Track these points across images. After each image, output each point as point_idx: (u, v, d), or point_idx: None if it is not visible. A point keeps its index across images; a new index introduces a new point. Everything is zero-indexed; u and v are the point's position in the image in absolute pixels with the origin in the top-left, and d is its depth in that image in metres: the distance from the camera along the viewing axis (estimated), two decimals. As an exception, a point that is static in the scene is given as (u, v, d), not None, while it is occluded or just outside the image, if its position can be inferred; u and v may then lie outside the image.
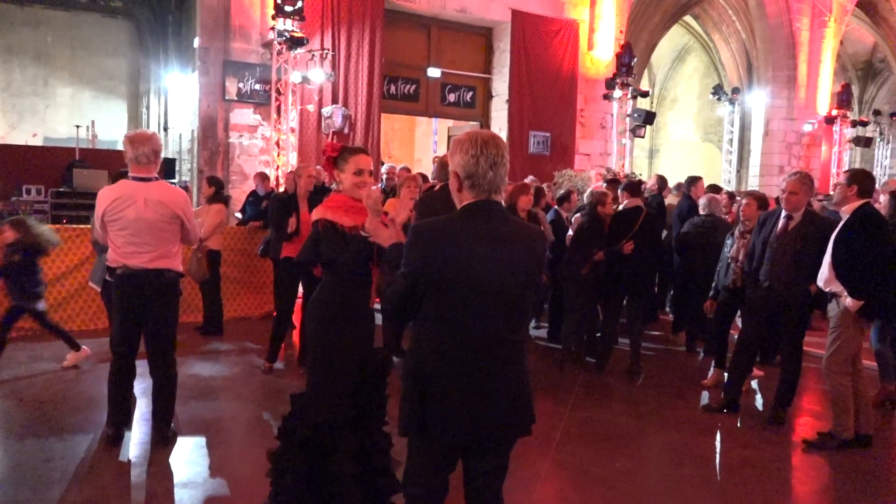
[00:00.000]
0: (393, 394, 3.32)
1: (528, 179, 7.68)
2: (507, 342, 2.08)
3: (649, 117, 13.08)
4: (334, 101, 10.86)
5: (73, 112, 16.68)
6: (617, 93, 12.99)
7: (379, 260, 2.99)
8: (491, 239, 2.04)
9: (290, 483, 3.01)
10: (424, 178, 7.93)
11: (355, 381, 3.02)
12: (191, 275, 6.54)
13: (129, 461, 4.03)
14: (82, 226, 7.68)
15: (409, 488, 2.27)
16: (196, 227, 4.40)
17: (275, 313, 6.31)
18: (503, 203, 2.37)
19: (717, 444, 4.75)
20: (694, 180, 8.34)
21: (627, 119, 13.25)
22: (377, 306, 3.95)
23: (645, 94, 13.68)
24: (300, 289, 6.38)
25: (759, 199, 6.03)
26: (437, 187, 4.66)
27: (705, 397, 5.71)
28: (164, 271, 4.10)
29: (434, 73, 12.42)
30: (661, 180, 8.93)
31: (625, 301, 6.31)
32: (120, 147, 15.88)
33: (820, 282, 4.50)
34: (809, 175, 4.93)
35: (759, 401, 5.71)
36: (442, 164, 4.66)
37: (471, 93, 12.98)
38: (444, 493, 2.28)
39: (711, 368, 6.27)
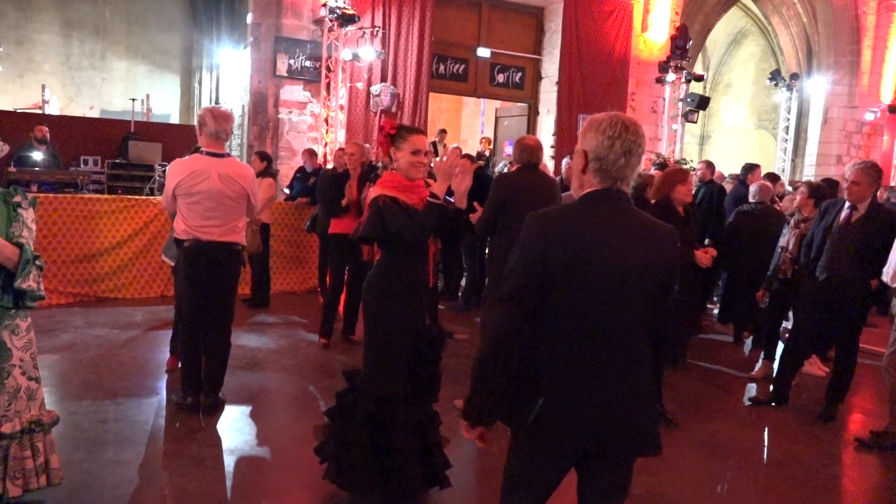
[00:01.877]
0: (451, 378, 3.41)
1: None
2: (630, 346, 1.93)
3: (703, 102, 12.81)
4: (383, 79, 10.86)
5: (128, 86, 17.06)
6: (670, 76, 12.70)
7: (438, 233, 3.00)
8: (619, 231, 1.91)
9: (358, 457, 3.05)
10: (470, 157, 7.90)
11: (411, 355, 3.04)
12: (247, 247, 6.76)
13: (178, 425, 4.13)
14: (136, 197, 7.87)
15: (511, 497, 2.05)
16: (259, 203, 4.50)
17: (319, 288, 6.45)
18: (645, 194, 2.18)
19: (765, 438, 4.66)
20: (751, 168, 8.14)
21: (680, 104, 12.99)
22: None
23: (700, 78, 13.40)
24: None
25: (812, 188, 5.83)
26: (513, 167, 4.60)
27: (752, 389, 5.60)
28: (231, 244, 4.20)
29: (483, 52, 12.34)
30: (709, 166, 8.76)
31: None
32: (173, 120, 16.14)
33: (886, 277, 4.35)
34: (876, 165, 4.75)
35: (809, 396, 5.58)
36: (522, 147, 4.53)
37: (520, 74, 12.84)
38: None
39: (760, 360, 6.13)
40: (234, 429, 4.19)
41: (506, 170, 7.65)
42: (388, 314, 3.02)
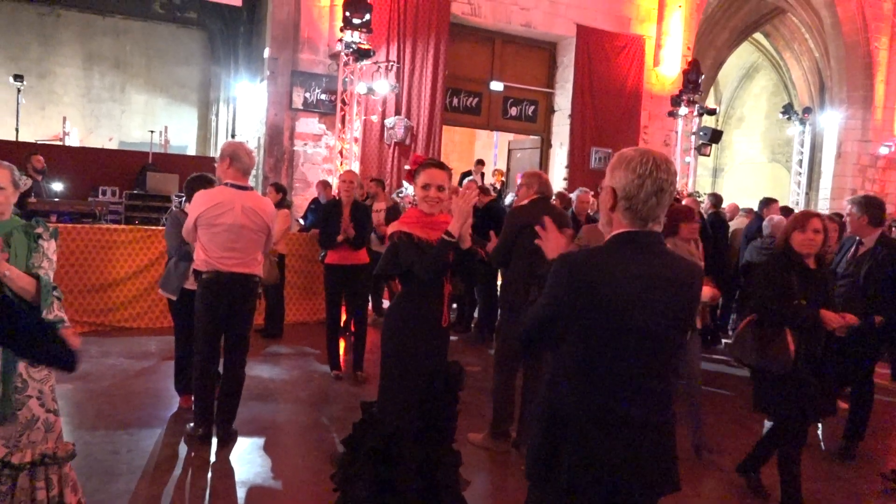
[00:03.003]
0: (464, 410, 3.30)
1: (581, 192, 7.39)
2: (655, 391, 1.90)
3: (716, 135, 12.82)
4: (397, 112, 10.95)
5: (146, 118, 17.34)
6: (682, 110, 12.75)
7: (454, 272, 2.98)
8: (648, 278, 1.85)
9: (360, 492, 3.02)
10: (485, 190, 7.90)
11: (425, 392, 3.02)
12: (263, 278, 6.75)
13: (191, 456, 4.10)
14: (153, 227, 7.91)
15: None
16: (275, 235, 4.51)
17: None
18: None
19: (783, 475, 4.55)
20: (768, 202, 8.10)
21: (692, 137, 13.02)
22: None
23: (712, 112, 13.54)
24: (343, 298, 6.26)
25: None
26: (525, 201, 4.58)
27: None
28: (250, 276, 4.21)
29: (497, 86, 12.42)
30: (716, 198, 8.71)
31: None
32: (190, 152, 16.26)
33: None
34: (871, 198, 4.70)
35: (828, 433, 5.46)
36: (540, 180, 4.53)
37: (533, 107, 12.92)
38: None
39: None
40: (247, 460, 4.15)
41: (508, 200, 7.74)
42: (403, 349, 3.03)
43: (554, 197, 6.35)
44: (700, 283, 1.98)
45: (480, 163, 12.75)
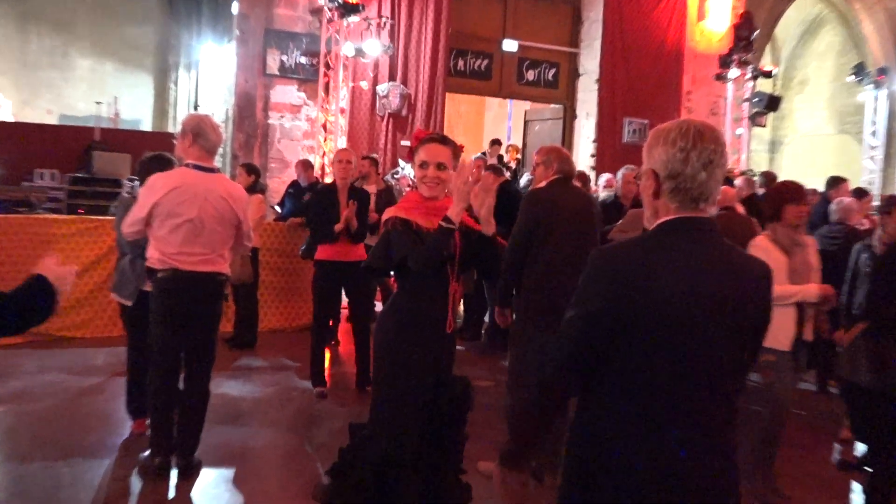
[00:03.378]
0: (473, 433, 3.31)
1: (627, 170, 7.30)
2: (717, 411, 1.87)
3: (773, 102, 12.80)
4: (391, 77, 10.91)
5: (93, 87, 17.23)
6: (733, 72, 12.66)
7: (465, 266, 2.97)
8: (702, 274, 1.84)
9: None
10: (497, 170, 7.84)
11: (426, 412, 3.00)
12: (233, 276, 6.62)
13: (147, 492, 4.05)
14: (101, 217, 7.84)
15: None
16: (251, 234, 4.52)
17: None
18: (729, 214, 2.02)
19: (857, 510, 4.49)
20: (836, 182, 8.05)
21: (745, 105, 12.95)
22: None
23: (768, 75, 13.34)
24: (343, 297, 6.45)
25: None
26: (543, 183, 4.58)
27: (841, 450, 5.47)
28: (215, 275, 4.20)
29: (510, 46, 12.35)
30: (768, 177, 8.67)
31: None
32: (145, 127, 16.18)
33: None
34: None
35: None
36: (561, 156, 4.55)
37: (553, 70, 12.85)
38: None
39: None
40: (212, 496, 4.11)
41: (524, 182, 7.83)
42: (399, 360, 3.03)
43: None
44: (769, 283, 1.95)
45: (496, 143, 12.60)
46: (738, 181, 8.44)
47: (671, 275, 1.81)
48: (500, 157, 12.00)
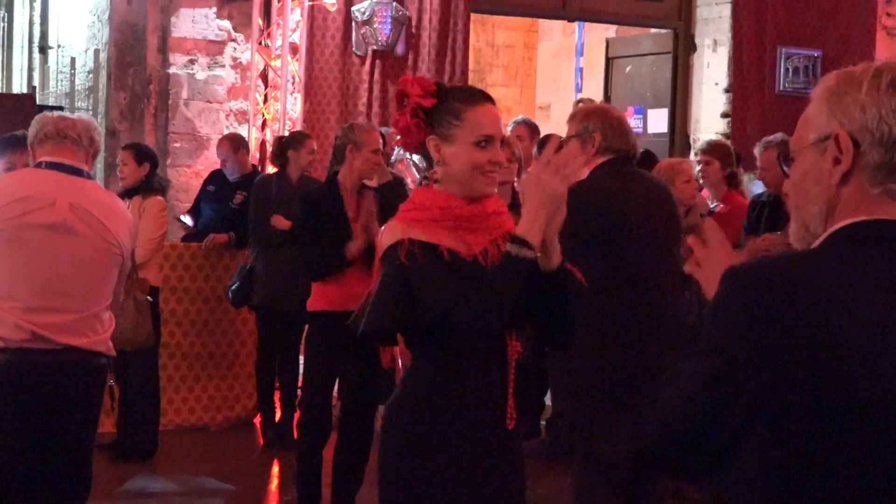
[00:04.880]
0: None
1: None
2: None
3: None
4: None
5: None
6: None
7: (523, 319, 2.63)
8: None
9: None
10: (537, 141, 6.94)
11: None
12: (120, 339, 5.39)
13: None
14: None
15: None
16: (141, 249, 5.04)
17: (260, 418, 6.53)
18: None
19: None
20: None
21: None
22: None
23: None
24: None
25: None
26: (585, 170, 3.76)
27: None
28: (91, 355, 3.66)
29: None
30: None
31: None
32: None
33: None
34: None
35: None
36: (610, 122, 3.95)
37: None
38: None
39: None
40: None
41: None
42: (422, 486, 2.53)
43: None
44: None
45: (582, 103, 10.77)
46: None
47: (861, 311, 1.45)
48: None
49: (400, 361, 8.07)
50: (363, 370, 5.17)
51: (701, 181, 6.75)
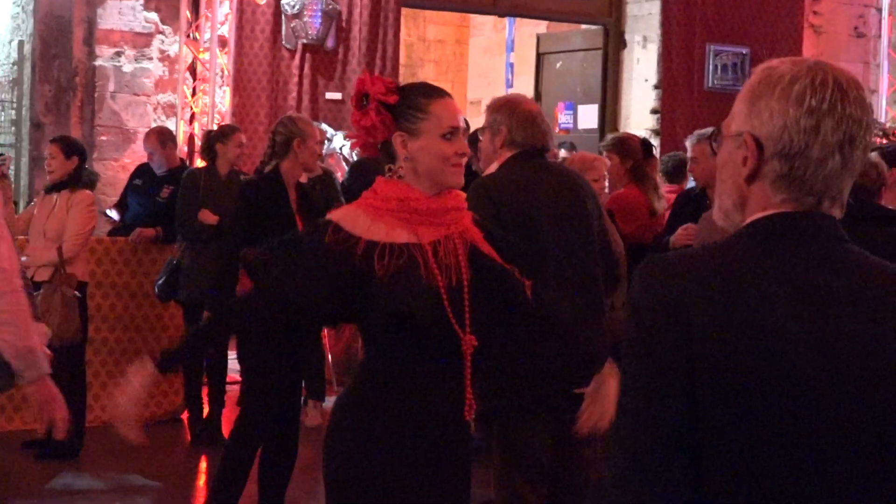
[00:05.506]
0: None
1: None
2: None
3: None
4: None
5: None
6: None
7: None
8: (828, 295, 1.49)
9: None
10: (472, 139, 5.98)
11: None
12: (51, 333, 5.15)
13: None
14: None
15: None
16: (73, 238, 5.25)
17: (188, 415, 6.68)
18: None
19: None
20: None
21: None
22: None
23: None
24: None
25: None
26: (494, 165, 4.10)
27: None
28: None
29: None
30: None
31: None
32: None
33: None
34: None
35: None
36: (517, 113, 3.94)
37: None
38: None
39: None
40: None
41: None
42: (376, 484, 2.53)
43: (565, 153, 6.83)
44: None
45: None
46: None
47: (777, 302, 1.48)
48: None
49: (330, 356, 8.25)
50: (291, 367, 5.22)
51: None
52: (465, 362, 2.55)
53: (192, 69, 8.66)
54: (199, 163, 7.57)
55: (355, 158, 7.87)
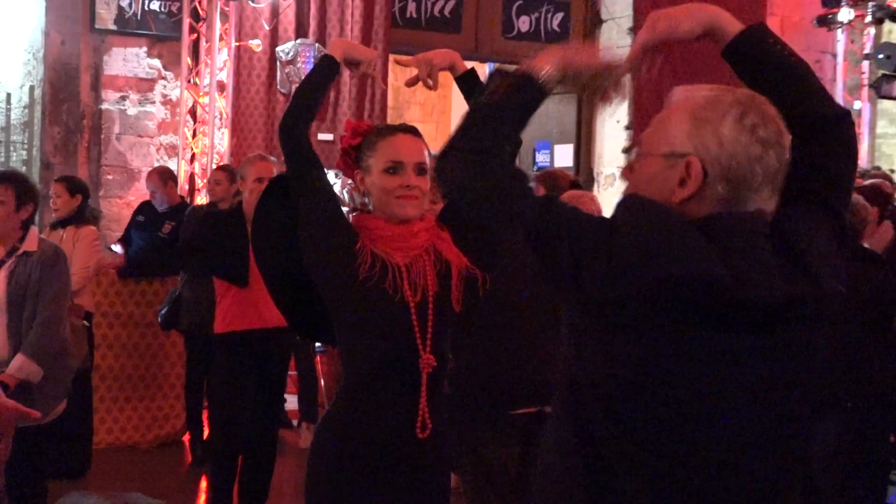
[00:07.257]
0: None
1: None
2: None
3: (909, 60, 10.75)
4: (300, 33, 8.96)
5: None
6: (844, 13, 10.57)
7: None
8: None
9: None
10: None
11: None
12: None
13: None
14: None
15: None
16: (78, 274, 5.31)
17: (188, 436, 6.72)
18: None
19: None
20: None
21: (865, 63, 10.95)
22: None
23: (899, 16, 11.76)
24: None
25: None
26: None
27: None
28: None
29: (490, -21, 10.37)
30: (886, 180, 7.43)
31: None
32: None
33: None
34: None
35: None
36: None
37: (561, 15, 10.76)
38: None
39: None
40: None
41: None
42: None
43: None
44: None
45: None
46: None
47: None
48: None
49: (322, 381, 8.46)
50: (266, 390, 5.33)
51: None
52: (422, 381, 2.58)
53: (193, 112, 8.81)
54: (199, 200, 7.86)
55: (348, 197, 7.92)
